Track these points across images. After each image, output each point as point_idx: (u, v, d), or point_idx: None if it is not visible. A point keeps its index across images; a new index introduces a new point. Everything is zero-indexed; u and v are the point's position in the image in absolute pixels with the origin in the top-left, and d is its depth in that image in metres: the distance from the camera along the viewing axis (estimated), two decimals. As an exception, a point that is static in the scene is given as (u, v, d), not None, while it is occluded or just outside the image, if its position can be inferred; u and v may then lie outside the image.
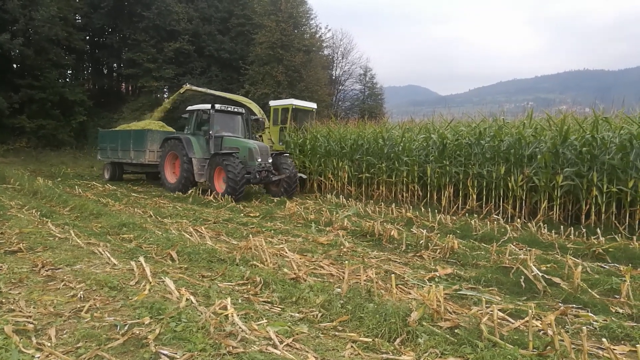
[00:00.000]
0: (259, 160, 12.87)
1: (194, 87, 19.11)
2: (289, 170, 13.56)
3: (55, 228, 7.58)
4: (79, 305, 4.10)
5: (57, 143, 26.40)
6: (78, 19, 30.10)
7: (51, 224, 7.84)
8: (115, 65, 34.85)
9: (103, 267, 5.43)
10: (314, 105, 18.30)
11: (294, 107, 16.77)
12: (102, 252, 5.97)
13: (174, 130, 17.77)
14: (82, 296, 4.34)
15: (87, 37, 32.36)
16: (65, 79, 30.35)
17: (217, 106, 13.93)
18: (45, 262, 5.42)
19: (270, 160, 13.28)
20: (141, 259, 5.26)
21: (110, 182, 16.92)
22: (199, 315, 3.72)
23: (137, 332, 3.48)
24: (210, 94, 18.56)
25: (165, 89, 33.01)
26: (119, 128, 19.06)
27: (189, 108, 14.99)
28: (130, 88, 34.71)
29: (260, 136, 16.86)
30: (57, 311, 3.98)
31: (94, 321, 3.76)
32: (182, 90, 18.54)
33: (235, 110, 14.68)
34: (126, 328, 3.59)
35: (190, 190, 13.29)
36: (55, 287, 4.66)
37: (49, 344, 3.32)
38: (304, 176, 15.34)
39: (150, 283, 4.65)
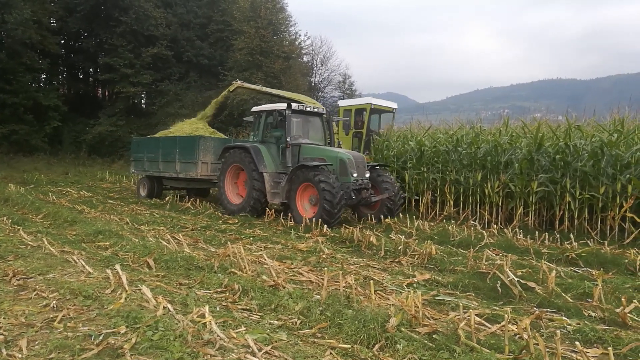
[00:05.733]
0: (355, 174, 9.91)
1: (246, 84, 16.20)
2: (392, 187, 10.57)
3: (28, 236, 7.39)
4: (51, 315, 4.00)
5: (30, 149, 25.80)
6: (53, 23, 29.53)
7: (23, 232, 7.64)
8: (91, 70, 34.30)
9: (77, 275, 5.32)
10: (394, 105, 14.94)
11: (372, 106, 13.85)
12: (77, 261, 5.83)
13: (224, 136, 15.47)
14: (55, 306, 4.23)
15: (62, 41, 31.80)
16: (39, 84, 29.71)
17: (295, 105, 10.96)
18: (16, 271, 5.27)
19: (367, 175, 10.33)
20: (117, 267, 5.17)
21: (86, 190, 16.52)
22: (177, 324, 3.68)
23: (113, 341, 3.41)
24: (265, 92, 16.11)
25: (142, 95, 32.55)
26: (159, 134, 16.26)
27: (255, 109, 12.04)
28: (106, 93, 34.11)
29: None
30: (28, 321, 3.87)
31: (68, 331, 3.67)
32: (232, 88, 15.89)
33: (316, 110, 11.56)
34: (101, 338, 3.51)
35: (168, 197, 12.98)
36: (26, 297, 4.53)
37: (20, 356, 3.23)
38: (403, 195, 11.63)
39: (127, 291, 4.57)
